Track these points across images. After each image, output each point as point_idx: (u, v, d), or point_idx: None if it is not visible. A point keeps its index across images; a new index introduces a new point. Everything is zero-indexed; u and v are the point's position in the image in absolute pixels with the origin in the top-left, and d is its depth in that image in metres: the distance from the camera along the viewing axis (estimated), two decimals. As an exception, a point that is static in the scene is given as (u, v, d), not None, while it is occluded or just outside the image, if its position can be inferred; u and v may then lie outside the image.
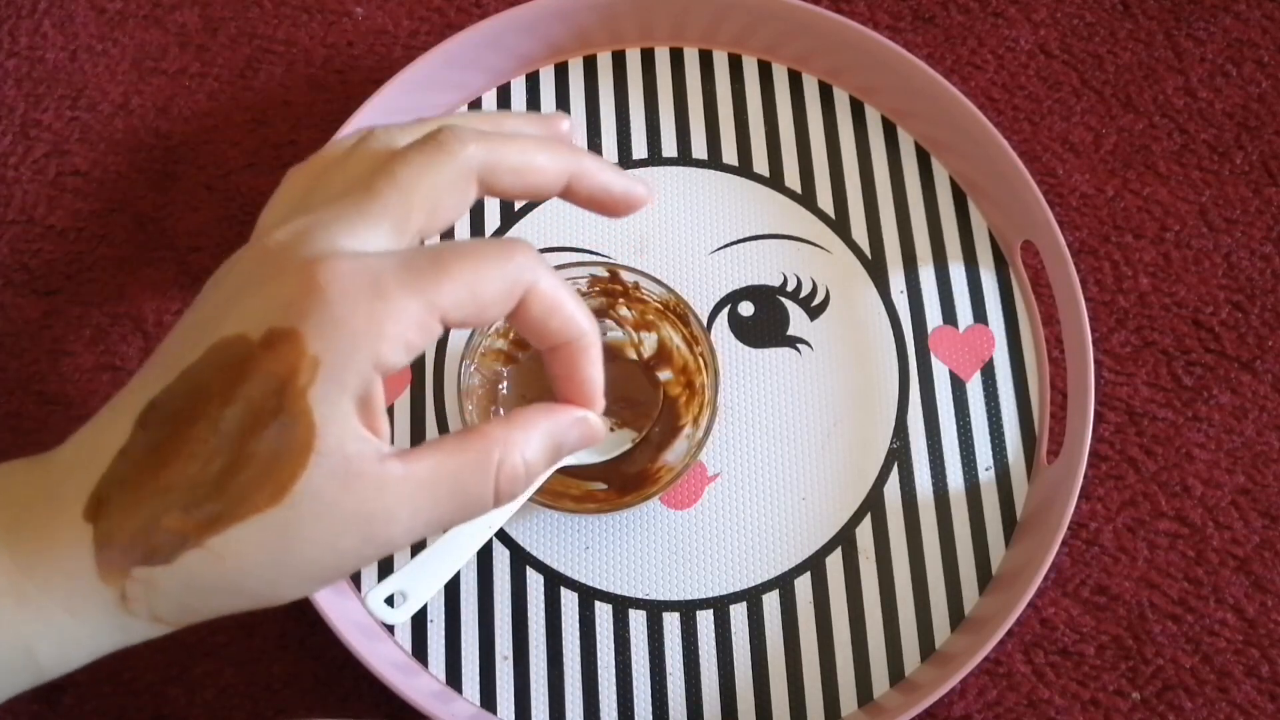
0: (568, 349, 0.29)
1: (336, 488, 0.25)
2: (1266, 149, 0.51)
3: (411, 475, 0.26)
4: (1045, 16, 0.54)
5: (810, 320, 0.48)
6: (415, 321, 0.25)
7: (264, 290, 0.26)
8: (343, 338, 0.25)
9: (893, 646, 0.44)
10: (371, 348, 0.25)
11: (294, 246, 0.26)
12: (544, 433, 0.29)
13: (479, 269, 0.26)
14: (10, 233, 0.50)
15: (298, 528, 0.25)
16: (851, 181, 0.50)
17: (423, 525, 0.27)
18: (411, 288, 0.25)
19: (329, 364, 0.25)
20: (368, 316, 0.25)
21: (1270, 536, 0.46)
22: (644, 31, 0.51)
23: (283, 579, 0.26)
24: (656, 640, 0.44)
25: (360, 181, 0.28)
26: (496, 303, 0.27)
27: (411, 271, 0.26)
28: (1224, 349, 0.48)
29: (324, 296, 0.25)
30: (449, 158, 0.27)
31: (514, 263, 0.27)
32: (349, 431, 0.25)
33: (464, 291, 0.26)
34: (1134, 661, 0.44)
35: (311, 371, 0.25)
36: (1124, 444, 0.47)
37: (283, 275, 0.26)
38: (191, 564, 0.25)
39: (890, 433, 0.46)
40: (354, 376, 0.25)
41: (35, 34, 0.54)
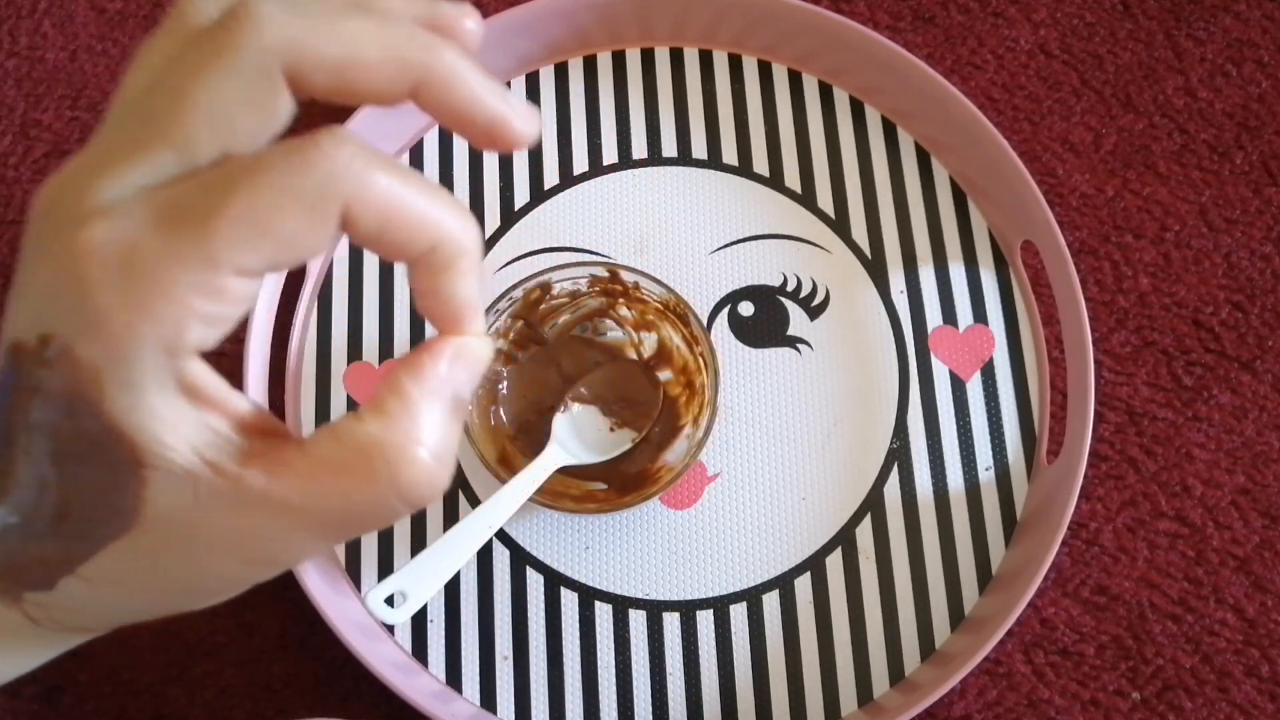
0: (425, 262, 0.23)
1: (188, 505, 0.22)
2: (1266, 149, 0.51)
3: (277, 494, 0.22)
4: (1045, 16, 0.54)
5: (810, 320, 0.48)
6: (192, 290, 0.20)
7: (32, 277, 0.22)
8: (110, 336, 0.20)
9: (893, 646, 0.44)
10: (152, 337, 0.20)
11: (58, 207, 0.21)
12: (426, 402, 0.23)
13: (264, 195, 0.20)
14: (10, 233, 0.50)
15: (163, 549, 0.23)
16: (851, 181, 0.50)
17: (312, 541, 0.23)
18: (175, 251, 0.20)
19: (111, 370, 0.20)
20: (128, 306, 0.20)
21: (1270, 536, 0.46)
22: (644, 31, 0.51)
23: (173, 594, 0.24)
24: (656, 640, 0.44)
25: (144, 91, 0.22)
26: (303, 234, 0.20)
27: (177, 220, 0.20)
28: (1224, 349, 0.48)
29: (79, 289, 0.20)
30: (236, 52, 0.21)
31: (316, 172, 0.20)
32: (175, 439, 0.21)
33: (248, 232, 0.20)
34: (1134, 661, 0.44)
35: (95, 383, 0.21)
36: (1124, 444, 0.47)
37: (44, 256, 0.21)
38: (72, 589, 0.23)
39: (890, 433, 0.46)
40: (148, 375, 0.21)
41: (35, 34, 0.54)
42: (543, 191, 0.50)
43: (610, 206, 0.50)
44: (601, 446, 0.43)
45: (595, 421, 0.44)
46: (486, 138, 0.24)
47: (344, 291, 0.48)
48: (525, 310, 0.45)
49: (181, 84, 0.21)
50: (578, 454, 0.42)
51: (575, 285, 0.45)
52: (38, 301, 0.21)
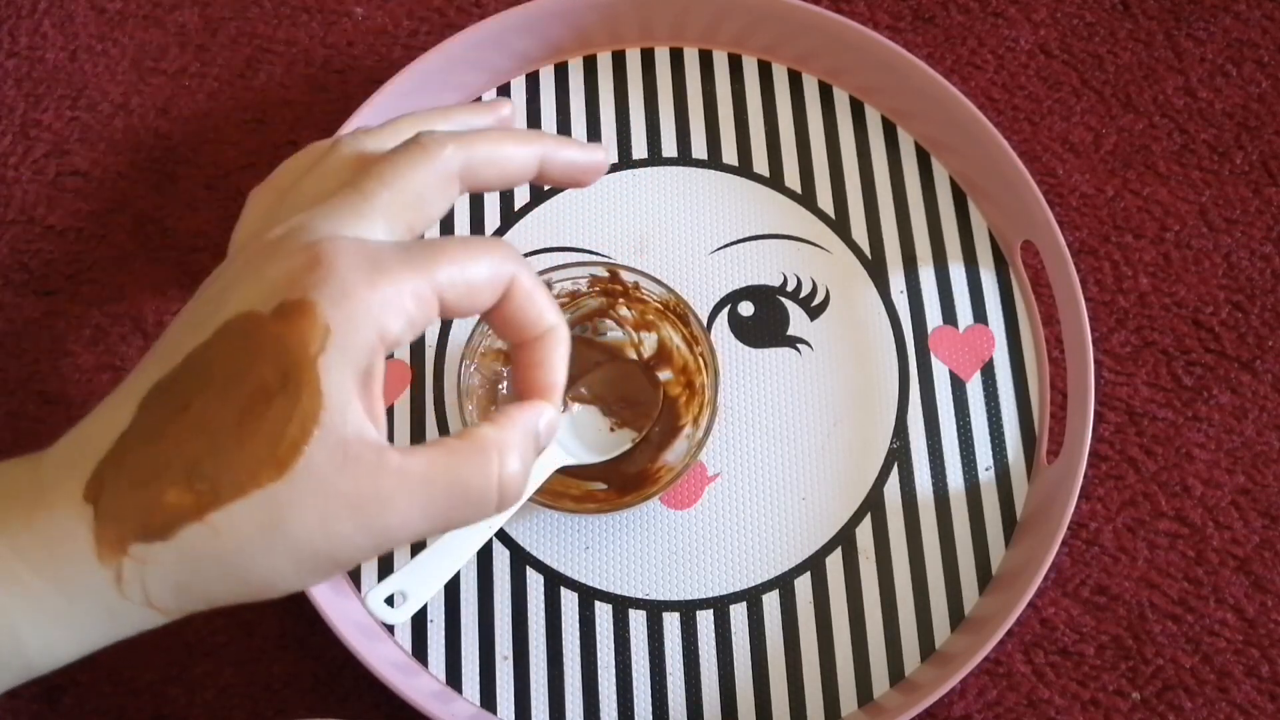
0: (542, 341, 0.30)
1: (334, 467, 0.25)
2: (1266, 149, 0.51)
3: (408, 467, 0.26)
4: (1045, 16, 0.54)
5: (810, 320, 0.48)
6: (415, 294, 0.26)
7: (269, 271, 0.26)
8: (350, 304, 0.25)
9: (893, 646, 0.44)
10: (377, 315, 0.26)
11: (292, 236, 0.27)
12: (528, 429, 0.29)
13: (469, 256, 0.28)
14: (10, 233, 0.50)
15: (295, 506, 0.25)
16: (851, 181, 0.50)
17: (420, 519, 0.27)
18: (409, 264, 0.27)
19: (339, 332, 0.25)
20: (371, 286, 0.26)
21: (1270, 536, 0.46)
22: (644, 31, 0.51)
23: (276, 561, 0.26)
24: (656, 640, 0.44)
25: (343, 185, 0.28)
26: (485, 287, 0.28)
27: (409, 253, 0.27)
28: (1224, 349, 0.48)
29: (332, 268, 0.26)
30: (432, 159, 0.29)
31: (500, 254, 0.28)
32: (350, 409, 0.26)
33: (457, 273, 0.27)
34: (1134, 661, 0.44)
35: (323, 339, 0.25)
36: (1124, 444, 0.47)
37: (288, 256, 0.26)
38: (190, 539, 0.25)
39: (890, 433, 0.46)
40: (360, 346, 0.26)
41: (35, 34, 0.54)
42: (543, 191, 0.50)
43: (610, 206, 0.50)
44: (601, 446, 0.43)
45: (595, 421, 0.44)
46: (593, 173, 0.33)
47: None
48: (525, 310, 0.44)
49: (395, 174, 0.28)
50: (578, 454, 0.42)
51: (575, 285, 0.45)
52: (278, 283, 0.26)
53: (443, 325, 0.48)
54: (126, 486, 0.25)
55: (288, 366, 0.25)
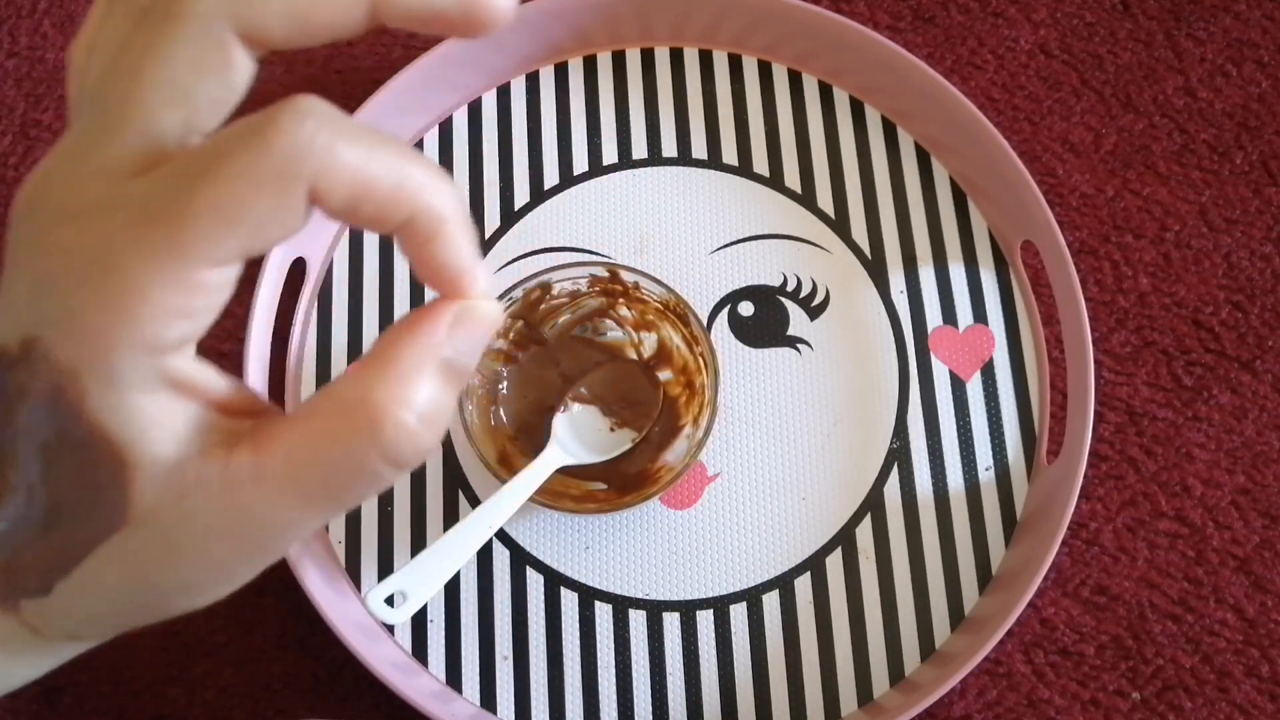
0: (407, 232, 0.22)
1: (176, 499, 0.22)
2: (1266, 149, 0.51)
3: (265, 468, 0.22)
4: (1045, 16, 0.54)
5: (810, 320, 0.48)
6: (167, 288, 0.20)
7: (14, 282, 0.21)
8: (87, 339, 0.20)
9: (893, 646, 0.44)
10: (130, 336, 0.20)
11: (35, 209, 0.21)
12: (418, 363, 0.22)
13: (228, 184, 0.19)
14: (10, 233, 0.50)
15: (155, 548, 0.22)
16: (851, 181, 0.50)
17: (303, 514, 0.22)
18: (146, 249, 0.20)
19: (90, 369, 0.20)
20: (104, 305, 0.20)
21: (1270, 536, 0.46)
22: (644, 31, 0.51)
23: (172, 593, 0.23)
24: (656, 640, 0.44)
25: (106, 68, 0.22)
26: (272, 218, 0.20)
27: (146, 218, 0.20)
28: (1224, 349, 0.48)
29: (53, 289, 0.20)
30: (182, 20, 0.20)
31: (277, 153, 0.20)
32: (155, 440, 0.21)
33: (216, 224, 0.20)
34: (1134, 661, 0.44)
35: (75, 384, 0.20)
36: (1124, 444, 0.47)
37: (24, 260, 0.21)
38: (68, 593, 0.23)
39: (890, 433, 0.46)
40: (129, 373, 0.21)
41: (35, 34, 0.54)
42: (543, 191, 0.50)
43: (610, 206, 0.50)
44: (601, 446, 0.43)
45: (595, 421, 0.44)
46: (464, 23, 0.23)
47: (344, 291, 0.48)
48: (525, 310, 0.45)
49: (135, 62, 0.21)
50: (578, 454, 0.42)
51: (575, 285, 0.45)
52: (19, 306, 0.21)
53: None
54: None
55: (57, 419, 0.21)
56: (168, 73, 0.21)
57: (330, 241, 0.49)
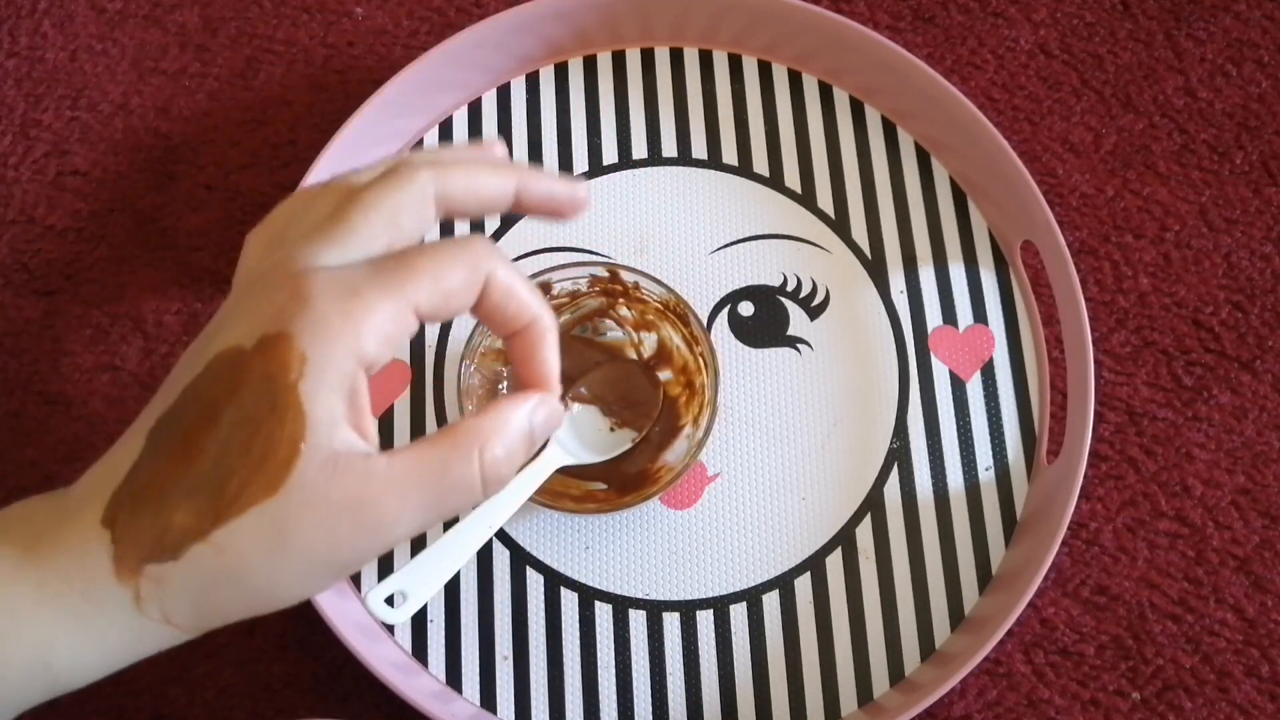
0: (527, 333, 0.31)
1: (325, 479, 0.27)
2: (1266, 149, 0.51)
3: (395, 468, 0.28)
4: (1045, 16, 0.54)
5: (810, 320, 0.48)
6: (389, 315, 0.28)
7: (254, 306, 0.28)
8: (325, 333, 0.27)
9: (893, 646, 0.44)
10: (351, 341, 0.27)
11: (277, 268, 0.29)
12: (517, 419, 0.30)
13: (441, 262, 0.29)
14: (10, 233, 0.50)
15: (292, 518, 0.27)
16: (851, 181, 0.50)
17: (413, 513, 0.28)
18: (382, 286, 0.28)
19: (315, 359, 0.27)
20: (344, 314, 0.27)
21: (1270, 536, 0.46)
22: (644, 31, 0.51)
23: (282, 572, 0.28)
24: (656, 640, 0.44)
25: (329, 215, 0.30)
26: (461, 291, 0.29)
27: (382, 274, 0.28)
28: (1224, 349, 0.48)
29: (307, 301, 0.27)
30: (407, 183, 0.30)
31: (472, 253, 0.29)
32: (336, 425, 0.27)
33: (430, 283, 0.28)
34: (1134, 661, 0.44)
35: (300, 366, 0.27)
36: (1124, 444, 0.47)
37: (270, 291, 0.28)
38: (198, 558, 0.27)
39: (890, 433, 0.46)
40: (337, 370, 0.27)
41: (35, 34, 0.54)
42: (543, 191, 0.50)
43: (610, 206, 0.50)
44: (601, 446, 0.43)
45: (595, 421, 0.44)
46: (570, 206, 0.33)
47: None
48: (525, 310, 0.44)
49: (372, 201, 0.30)
50: (578, 454, 0.42)
51: (575, 285, 0.45)
52: (260, 317, 0.28)
53: (442, 326, 0.48)
54: (138, 512, 0.27)
55: (272, 393, 0.27)
56: (394, 208, 0.30)
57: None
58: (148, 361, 0.48)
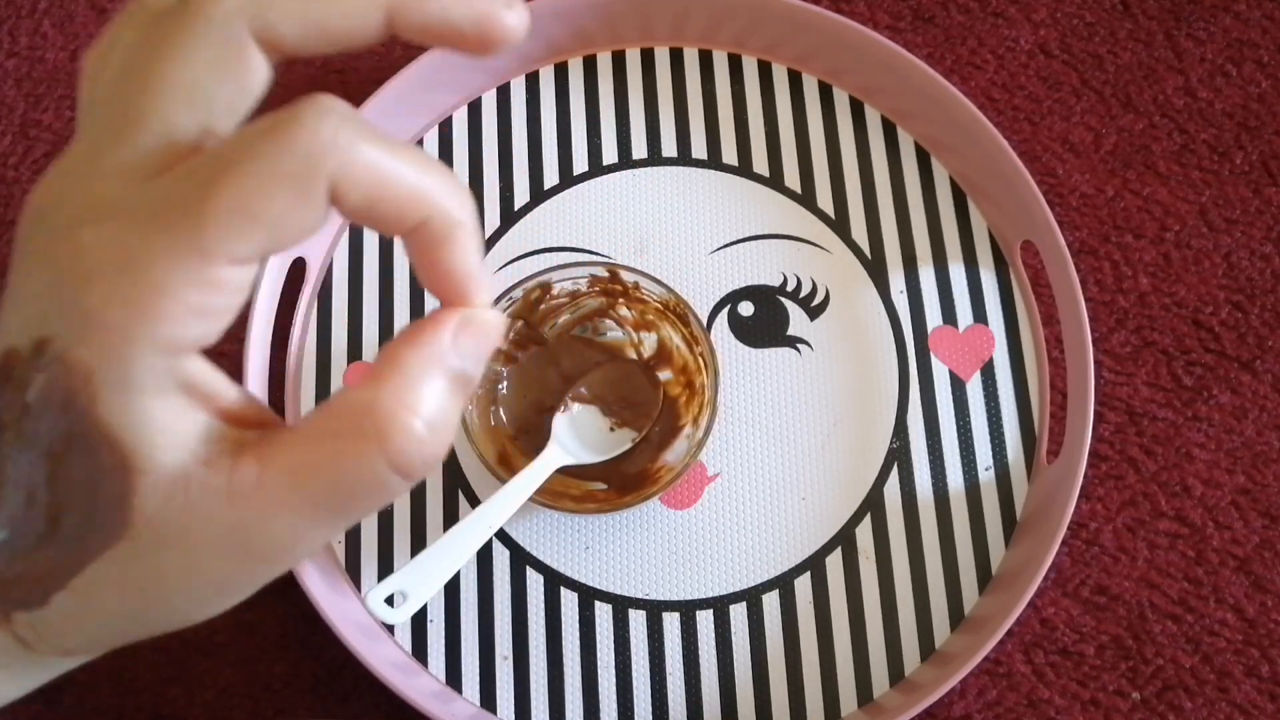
0: (420, 235, 0.22)
1: (178, 510, 0.21)
2: (1266, 149, 0.51)
3: (271, 478, 0.21)
4: (1045, 16, 0.54)
5: (810, 320, 0.48)
6: (188, 283, 0.20)
7: (25, 284, 0.21)
8: (106, 337, 0.20)
9: (893, 646, 0.44)
10: (149, 335, 0.20)
11: (48, 212, 0.21)
12: (424, 371, 0.22)
13: (250, 180, 0.19)
14: (10, 234, 0.50)
15: (154, 558, 0.22)
16: (851, 181, 0.50)
17: (310, 528, 0.22)
18: (169, 241, 0.19)
19: (105, 369, 0.20)
20: (123, 301, 0.20)
21: (1270, 536, 0.46)
22: (644, 31, 0.51)
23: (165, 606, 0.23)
24: (656, 640, 0.44)
25: (114, 81, 0.22)
26: (292, 215, 0.20)
27: (165, 217, 0.20)
28: (1224, 349, 0.48)
29: (73, 291, 0.20)
30: (200, 22, 0.21)
31: (299, 150, 0.20)
32: (163, 447, 0.21)
33: (238, 220, 0.19)
34: (1134, 661, 0.44)
35: (87, 385, 0.20)
36: (1124, 444, 0.47)
37: (37, 262, 0.21)
38: (64, 604, 0.23)
39: (890, 432, 0.46)
40: (144, 375, 0.20)
41: (35, 34, 0.54)
42: (543, 191, 0.50)
43: (610, 206, 0.50)
44: (601, 446, 0.43)
45: (595, 421, 0.44)
46: (477, 40, 0.23)
47: (344, 291, 0.48)
48: (525, 310, 0.45)
49: (151, 65, 0.21)
50: (578, 454, 0.42)
51: (575, 285, 0.45)
52: (32, 308, 0.21)
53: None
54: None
55: (67, 419, 0.20)
56: (185, 74, 0.21)
57: (330, 242, 0.49)
58: (148, 361, 0.48)
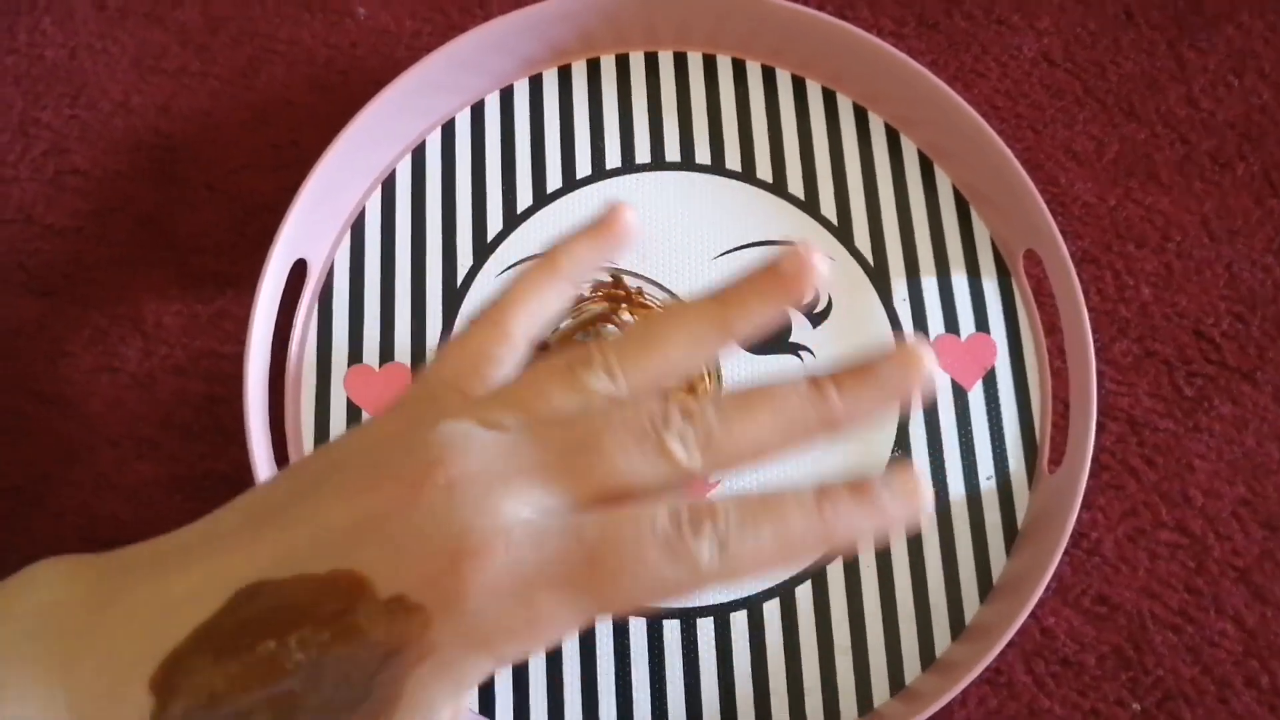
0: None
1: None
2: (1268, 159, 0.52)
3: None
4: (1049, 25, 0.54)
5: (812, 327, 0.48)
6: (559, 626, 0.23)
7: (408, 545, 0.23)
8: (469, 634, 0.23)
9: (893, 655, 0.44)
10: (497, 649, 0.23)
11: (461, 495, 0.24)
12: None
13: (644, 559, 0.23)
14: (8, 232, 0.50)
15: None
16: (855, 188, 0.50)
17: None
18: (560, 592, 0.23)
19: (443, 654, 0.23)
20: (499, 619, 0.23)
21: (1271, 547, 0.46)
22: (648, 35, 0.51)
23: None
24: (656, 648, 0.44)
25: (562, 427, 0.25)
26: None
27: (565, 571, 0.23)
28: (1225, 360, 0.48)
29: (465, 591, 0.23)
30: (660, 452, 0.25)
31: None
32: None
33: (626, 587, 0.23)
34: (1134, 671, 0.44)
35: (420, 655, 0.23)
36: (1125, 454, 0.47)
37: (433, 539, 0.23)
38: None
39: (891, 441, 0.46)
40: (465, 672, 0.23)
41: (35, 31, 0.53)
42: (545, 195, 0.50)
43: (613, 211, 0.49)
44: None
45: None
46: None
47: (344, 294, 0.48)
48: (527, 315, 0.44)
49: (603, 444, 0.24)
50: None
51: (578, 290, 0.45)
52: (405, 571, 0.23)
53: (445, 328, 0.48)
54: (191, 691, 0.23)
55: (380, 663, 0.23)
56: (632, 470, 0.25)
57: (331, 243, 0.49)
58: (147, 363, 0.48)
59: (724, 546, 0.24)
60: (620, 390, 0.26)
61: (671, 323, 0.28)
